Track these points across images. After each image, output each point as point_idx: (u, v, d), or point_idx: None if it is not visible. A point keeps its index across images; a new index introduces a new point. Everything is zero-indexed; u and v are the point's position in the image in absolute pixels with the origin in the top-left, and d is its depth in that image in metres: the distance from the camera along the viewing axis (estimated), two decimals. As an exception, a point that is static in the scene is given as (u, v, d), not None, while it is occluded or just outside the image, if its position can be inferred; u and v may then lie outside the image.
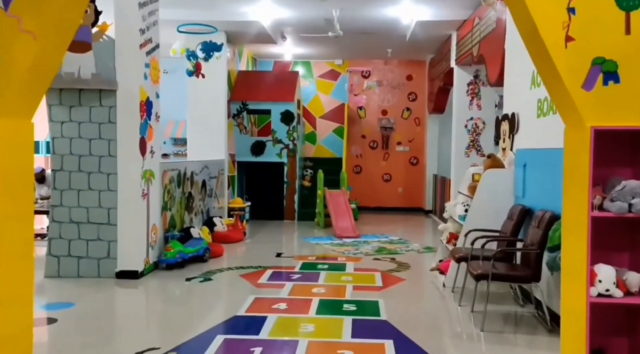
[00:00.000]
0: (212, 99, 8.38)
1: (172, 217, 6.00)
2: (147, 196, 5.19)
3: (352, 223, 8.21)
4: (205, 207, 7.38)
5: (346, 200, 8.74)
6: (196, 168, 6.94)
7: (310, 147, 11.34)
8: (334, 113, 11.36)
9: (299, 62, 11.35)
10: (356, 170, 11.40)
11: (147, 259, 5.25)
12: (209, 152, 8.24)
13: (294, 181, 9.56)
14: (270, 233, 8.26)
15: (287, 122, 9.39)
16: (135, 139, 5.00)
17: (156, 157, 5.43)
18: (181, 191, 6.31)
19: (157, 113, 5.44)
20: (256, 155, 9.48)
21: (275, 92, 9.49)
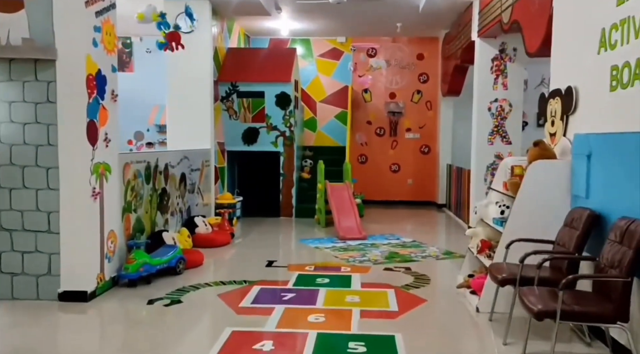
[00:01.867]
0: (195, 79, 7.25)
1: (139, 220, 4.91)
2: (99, 195, 4.10)
3: (357, 222, 7.12)
4: (185, 205, 6.29)
5: (350, 195, 7.64)
6: (172, 160, 5.83)
7: (310, 134, 10.22)
8: (336, 96, 10.22)
9: (297, 40, 10.19)
10: (361, 159, 10.29)
11: (102, 275, 4.17)
12: (192, 140, 7.14)
13: (291, 173, 8.45)
14: (263, 234, 7.18)
15: (283, 106, 8.26)
16: (82, 123, 3.89)
17: (113, 146, 4.33)
18: (151, 188, 5.22)
19: (113, 91, 4.32)
20: (248, 143, 8.37)
21: (269, 71, 8.34)
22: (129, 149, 10.34)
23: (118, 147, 4.43)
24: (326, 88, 10.27)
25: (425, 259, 5.69)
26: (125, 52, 10.70)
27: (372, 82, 10.21)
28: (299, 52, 10.09)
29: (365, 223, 7.89)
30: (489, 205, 4.59)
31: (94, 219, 4.05)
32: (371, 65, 10.16)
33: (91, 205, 3.99)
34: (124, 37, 10.59)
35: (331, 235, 7.05)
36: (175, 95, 7.27)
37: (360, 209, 8.41)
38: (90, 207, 3.98)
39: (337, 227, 6.99)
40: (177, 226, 6.01)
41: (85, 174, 3.92)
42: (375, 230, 7.49)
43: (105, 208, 4.19)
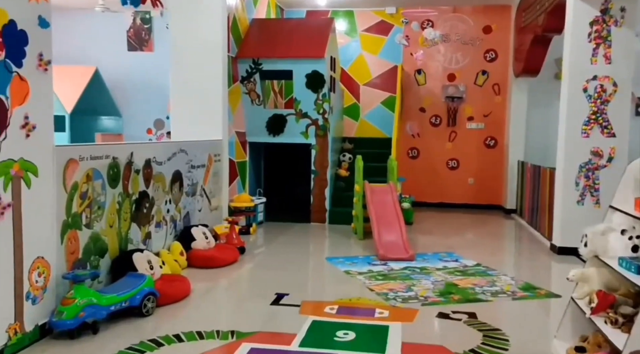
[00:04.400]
0: (203, 53, 5.85)
1: (96, 238, 3.56)
2: (10, 209, 2.75)
3: (403, 237, 5.53)
4: (180, 213, 4.92)
5: (395, 200, 6.05)
6: (158, 154, 4.46)
7: (351, 123, 8.67)
8: (384, 79, 8.61)
9: (339, 12, 8.63)
10: (411, 154, 8.65)
11: (17, 325, 2.83)
12: (200, 130, 5.79)
13: (324, 170, 6.96)
14: (283, 246, 5.73)
15: (315, 88, 6.75)
16: (-27, 101, 2.55)
17: (43, 136, 2.97)
18: (121, 193, 3.86)
19: (42, 55, 2.95)
20: (274, 133, 6.93)
21: (298, 45, 6.84)
22: (149, 139, 9.18)
23: (51, 137, 3.06)
24: (372, 69, 8.67)
25: (496, 297, 4.05)
26: (144, 28, 9.51)
27: (427, 61, 8.50)
28: (341, 27, 8.55)
29: (413, 233, 6.32)
30: (608, 233, 2.90)
31: (1, 244, 2.70)
32: (427, 41, 8.43)
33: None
34: (143, 11, 9.41)
35: (369, 251, 5.51)
36: (179, 75, 5.92)
37: (409, 215, 6.83)
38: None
39: (376, 242, 5.44)
40: (167, 240, 4.65)
41: (-18, 178, 2.58)
42: (426, 244, 5.89)
43: (25, 227, 2.84)
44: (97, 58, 9.27)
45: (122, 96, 9.40)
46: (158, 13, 9.28)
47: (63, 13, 9.44)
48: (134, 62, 9.47)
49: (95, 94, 8.71)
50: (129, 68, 9.48)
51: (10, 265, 2.77)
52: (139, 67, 9.40)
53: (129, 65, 9.47)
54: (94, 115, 8.90)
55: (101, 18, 9.37)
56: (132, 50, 9.60)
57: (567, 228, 5.37)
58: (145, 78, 9.24)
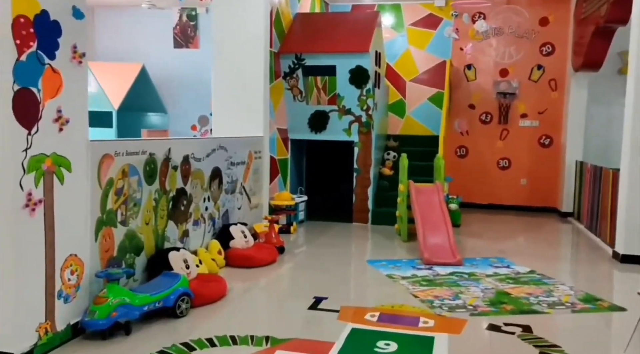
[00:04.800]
0: (245, 49, 5.73)
1: (131, 236, 3.48)
2: (42, 205, 2.68)
3: (450, 240, 5.23)
4: (218, 210, 4.82)
5: (442, 200, 5.74)
6: (197, 151, 4.37)
7: (396, 120, 8.38)
8: (431, 74, 8.28)
9: (385, 6, 8.36)
10: (460, 152, 8.28)
11: (48, 324, 2.77)
12: (241, 126, 5.69)
13: (367, 169, 6.72)
14: (323, 247, 5.55)
15: (359, 84, 6.52)
16: (5, 93, 2.47)
17: (76, 130, 2.90)
18: (158, 190, 3.78)
19: (76, 47, 2.87)
20: (316, 130, 6.76)
21: (342, 39, 6.63)
22: (193, 135, 9.22)
23: (85, 131, 2.99)
24: (418, 64, 8.36)
25: (553, 309, 3.72)
26: (190, 25, 9.55)
27: (477, 55, 8.11)
28: (387, 22, 8.27)
29: (461, 236, 6.01)
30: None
31: (32, 240, 2.64)
32: (478, 34, 8.03)
33: (25, 220, 2.58)
34: (189, 8, 9.46)
35: (414, 254, 5.25)
36: (221, 70, 5.82)
37: (456, 217, 6.51)
38: (22, 223, 2.57)
39: (421, 245, 5.17)
40: (205, 239, 4.55)
41: (13, 173, 2.51)
42: (475, 248, 5.57)
43: (57, 224, 2.77)
44: (144, 55, 9.37)
45: (168, 93, 9.47)
46: (204, 9, 9.31)
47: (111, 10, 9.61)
48: (179, 58, 9.52)
49: (142, 91, 8.80)
50: (175, 65, 9.54)
51: (41, 262, 2.70)
52: (185, 64, 9.45)
53: (175, 62, 9.54)
54: (141, 112, 9.00)
55: (148, 15, 9.48)
56: (178, 47, 9.66)
57: (631, 234, 4.94)
58: (190, 75, 9.27)
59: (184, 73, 9.45)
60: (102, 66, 8.49)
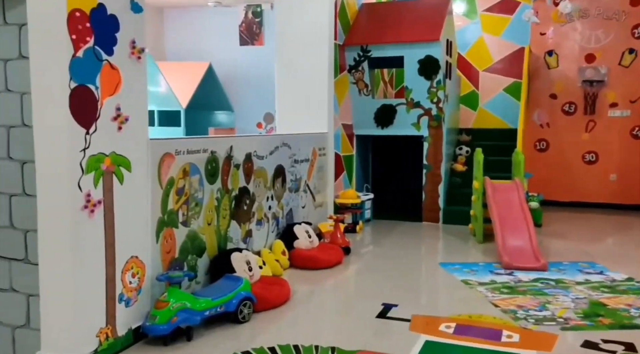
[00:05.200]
0: (308, 42, 5.54)
1: (193, 236, 3.38)
2: (101, 206, 2.60)
3: (532, 243, 4.78)
4: (282, 209, 4.66)
5: (522, 199, 5.28)
6: (260, 148, 4.22)
7: (469, 113, 7.90)
8: (507, 62, 7.72)
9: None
10: (540, 146, 7.68)
11: (109, 329, 2.69)
12: (305, 122, 5.51)
13: (438, 165, 6.34)
14: (392, 248, 5.26)
15: (429, 75, 6.15)
16: (62, 91, 2.40)
17: (136, 128, 2.80)
18: (220, 189, 3.66)
19: (135, 43, 2.77)
20: (382, 125, 6.46)
21: (410, 28, 6.28)
22: (259, 133, 9.19)
23: (145, 130, 2.89)
24: (493, 53, 7.83)
25: (660, 325, 3.24)
26: (255, 22, 9.52)
27: (559, 40, 7.47)
28: (458, 9, 7.81)
29: (543, 237, 5.51)
30: None
31: (92, 242, 2.57)
32: (562, 16, 7.37)
33: (84, 221, 2.51)
34: (254, 4, 9.43)
35: (491, 257, 4.85)
36: (284, 65, 5.67)
37: (537, 216, 6.01)
38: (82, 224, 2.50)
39: (499, 247, 4.75)
40: (269, 239, 4.41)
41: (71, 173, 2.44)
42: (559, 251, 5.07)
43: (117, 225, 2.69)
44: (211, 53, 9.45)
45: (234, 90, 9.50)
46: (269, 5, 9.24)
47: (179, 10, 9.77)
48: (245, 56, 9.53)
49: (209, 89, 8.87)
50: (241, 63, 9.55)
51: (101, 265, 2.63)
52: (250, 61, 9.44)
53: (241, 60, 9.55)
54: (208, 110, 9.08)
55: (215, 14, 9.54)
56: (243, 44, 9.66)
57: None
58: (256, 72, 9.25)
59: (250, 70, 9.44)
60: (171, 66, 8.63)
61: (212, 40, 9.62)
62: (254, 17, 9.53)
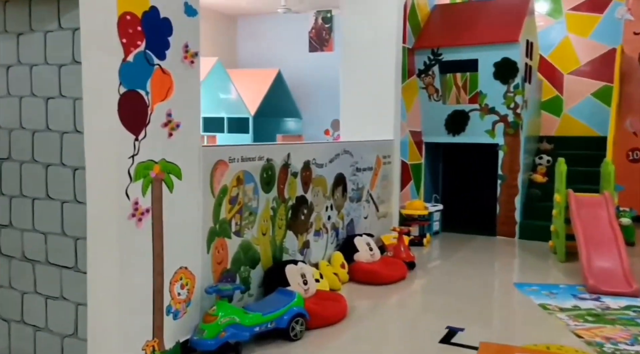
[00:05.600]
0: (375, 45, 5.33)
1: (246, 247, 3.26)
2: (148, 215, 2.53)
3: (623, 264, 4.25)
4: (342, 220, 4.46)
5: (612, 215, 4.73)
6: (319, 156, 4.05)
7: (551, 119, 7.32)
8: (596, 65, 7.09)
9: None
10: (633, 156, 6.95)
11: (155, 342, 2.61)
12: (373, 129, 5.30)
13: (514, 175, 5.88)
14: (462, 264, 4.89)
15: (506, 79, 5.72)
16: (111, 96, 2.35)
17: (188, 135, 2.73)
18: (276, 198, 3.52)
19: (188, 47, 2.69)
20: (454, 132, 6.09)
21: (486, 29, 5.89)
22: (326, 140, 9.09)
23: (197, 136, 2.80)
24: (579, 55, 7.22)
25: None
26: (325, 28, 9.45)
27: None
28: (541, 9, 7.28)
29: (637, 258, 4.91)
30: None
31: (139, 252, 2.50)
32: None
33: (131, 231, 2.44)
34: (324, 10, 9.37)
35: (574, 278, 4.37)
36: (349, 70, 5.49)
37: (629, 233, 5.40)
38: (129, 234, 2.43)
39: (584, 268, 4.26)
40: (327, 250, 4.22)
41: (119, 180, 2.39)
42: (657, 277, 4.47)
43: (166, 235, 2.62)
44: (280, 60, 9.48)
45: (303, 97, 9.47)
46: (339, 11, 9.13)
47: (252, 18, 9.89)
48: (314, 62, 9.48)
49: (278, 96, 8.88)
50: (310, 69, 9.51)
51: (149, 275, 2.56)
52: (319, 68, 9.37)
53: (310, 66, 9.51)
54: (276, 117, 9.10)
55: (285, 21, 9.57)
56: (313, 51, 9.62)
57: None
58: (324, 79, 9.16)
59: (318, 77, 9.37)
60: (241, 73, 8.73)
61: (282, 47, 9.66)
62: (324, 23, 9.46)
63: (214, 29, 9.47)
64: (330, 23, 9.32)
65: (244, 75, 8.66)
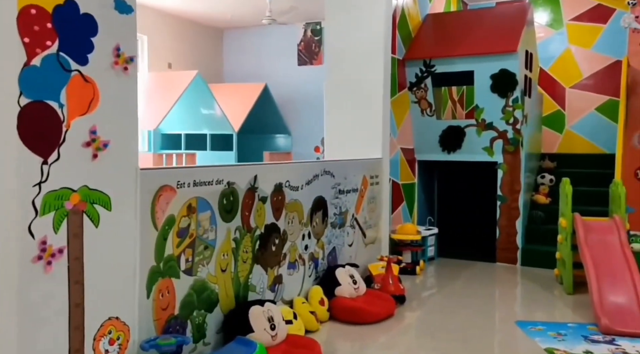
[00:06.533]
0: (361, 55, 4.89)
1: (201, 287, 2.76)
2: (61, 256, 2.03)
3: (637, 295, 3.74)
4: (324, 248, 3.96)
5: (624, 242, 4.23)
6: (295, 177, 3.57)
7: (553, 135, 6.87)
8: (600, 78, 6.67)
9: (538, 0, 6.96)
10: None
11: (72, 410, 2.10)
12: (359, 147, 4.84)
13: (515, 196, 5.40)
14: (456, 298, 4.37)
15: (504, 92, 5.27)
16: (9, 109, 1.88)
17: (120, 155, 2.25)
18: (239, 227, 3.03)
19: (119, 50, 2.23)
20: (449, 150, 5.63)
21: (482, 39, 5.46)
22: (316, 158, 8.62)
23: (134, 158, 2.32)
24: (582, 67, 6.79)
25: None
26: (314, 40, 9.06)
27: (664, 49, 6.29)
28: (541, 19, 6.88)
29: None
30: None
31: (48, 303, 2.00)
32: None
33: (36, 277, 1.95)
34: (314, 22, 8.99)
35: (583, 315, 3.85)
36: (333, 83, 5.05)
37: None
38: (33, 281, 1.94)
39: (595, 305, 3.75)
40: (305, 284, 3.71)
41: (20, 215, 1.90)
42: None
43: (89, 279, 2.12)
44: (268, 74, 9.08)
45: (292, 113, 9.05)
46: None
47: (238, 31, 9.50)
48: (303, 76, 9.07)
49: (264, 112, 8.45)
50: (299, 84, 9.11)
51: (63, 332, 2.05)
52: (309, 82, 8.96)
53: (299, 80, 9.10)
54: (263, 133, 8.65)
55: (273, 34, 9.18)
56: (302, 64, 9.23)
57: None
58: (314, 93, 8.74)
59: (308, 91, 8.96)
60: (225, 88, 8.32)
61: (270, 60, 9.26)
62: (314, 35, 9.07)
63: (199, 43, 9.07)
64: (320, 35, 8.93)
65: (228, 89, 8.23)
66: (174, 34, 8.53)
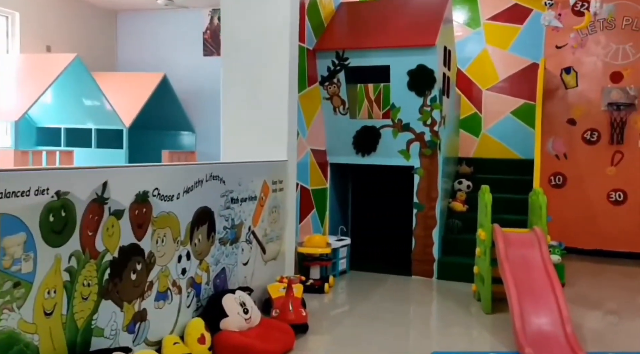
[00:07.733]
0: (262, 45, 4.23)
1: (9, 340, 1.94)
2: None
3: (563, 322, 3.35)
4: (208, 271, 3.23)
5: (546, 257, 3.86)
6: (167, 184, 2.81)
7: (470, 139, 6.58)
8: (516, 80, 6.47)
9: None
10: (555, 181, 6.33)
11: None
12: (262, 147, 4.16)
13: (432, 203, 4.96)
14: (367, 322, 3.81)
15: (421, 90, 4.82)
16: None
17: None
18: (76, 252, 2.24)
19: None
20: (363, 152, 5.10)
21: (398, 31, 4.98)
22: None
23: None
24: (499, 69, 6.57)
25: None
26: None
27: (579, 55, 6.18)
28: (458, 18, 6.57)
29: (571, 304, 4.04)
30: None
31: None
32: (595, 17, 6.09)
33: None
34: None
35: (504, 340, 3.43)
36: (231, 76, 4.36)
37: (560, 273, 4.57)
38: None
39: (517, 330, 3.31)
40: (180, 318, 2.96)
41: None
42: (599, 330, 3.65)
43: None
44: (169, 64, 8.15)
45: (196, 108, 8.18)
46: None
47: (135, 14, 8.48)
48: (209, 68, 8.22)
49: (162, 105, 7.53)
50: (205, 76, 8.26)
51: None
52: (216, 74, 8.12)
53: (205, 72, 8.25)
54: (160, 130, 7.72)
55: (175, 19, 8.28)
56: (208, 55, 8.39)
57: None
58: (221, 88, 7.93)
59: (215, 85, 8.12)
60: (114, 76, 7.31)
61: (171, 49, 8.34)
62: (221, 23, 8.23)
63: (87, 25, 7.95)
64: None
65: (119, 78, 7.24)
66: (55, 12, 7.38)
